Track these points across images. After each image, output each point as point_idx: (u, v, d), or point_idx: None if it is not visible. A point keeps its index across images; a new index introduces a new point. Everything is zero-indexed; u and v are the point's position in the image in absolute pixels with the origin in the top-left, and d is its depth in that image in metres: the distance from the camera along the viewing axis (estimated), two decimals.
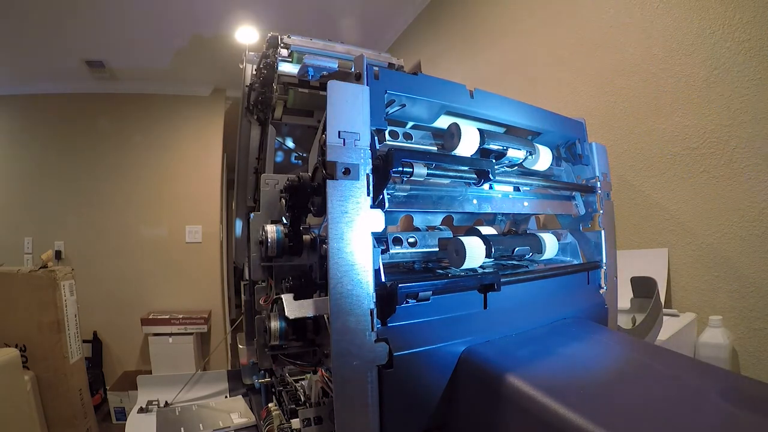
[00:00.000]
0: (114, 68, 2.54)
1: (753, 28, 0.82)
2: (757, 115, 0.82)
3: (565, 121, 0.44)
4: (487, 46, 1.71)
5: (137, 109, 2.74)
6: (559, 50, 1.33)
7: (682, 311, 0.92)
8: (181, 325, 2.37)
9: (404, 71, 0.63)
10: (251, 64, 0.85)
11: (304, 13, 2.13)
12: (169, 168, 2.78)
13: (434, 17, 2.08)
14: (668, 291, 0.97)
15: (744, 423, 0.21)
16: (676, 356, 0.29)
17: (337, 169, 0.27)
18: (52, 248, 2.47)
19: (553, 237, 0.43)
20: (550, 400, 0.23)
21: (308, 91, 0.65)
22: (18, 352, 1.05)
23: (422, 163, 0.30)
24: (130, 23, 2.10)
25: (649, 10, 1.03)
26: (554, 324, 0.36)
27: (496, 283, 0.33)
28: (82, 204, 2.60)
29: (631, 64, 1.08)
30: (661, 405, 0.23)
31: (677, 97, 0.97)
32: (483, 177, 0.34)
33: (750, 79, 0.83)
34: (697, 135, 0.93)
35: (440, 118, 0.38)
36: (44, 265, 1.19)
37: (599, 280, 0.44)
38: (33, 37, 2.11)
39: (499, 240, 0.38)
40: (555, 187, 0.44)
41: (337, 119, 0.28)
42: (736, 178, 0.85)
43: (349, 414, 0.25)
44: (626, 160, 1.07)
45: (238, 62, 0.91)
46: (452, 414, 0.29)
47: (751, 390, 0.24)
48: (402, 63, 0.74)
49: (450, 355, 0.29)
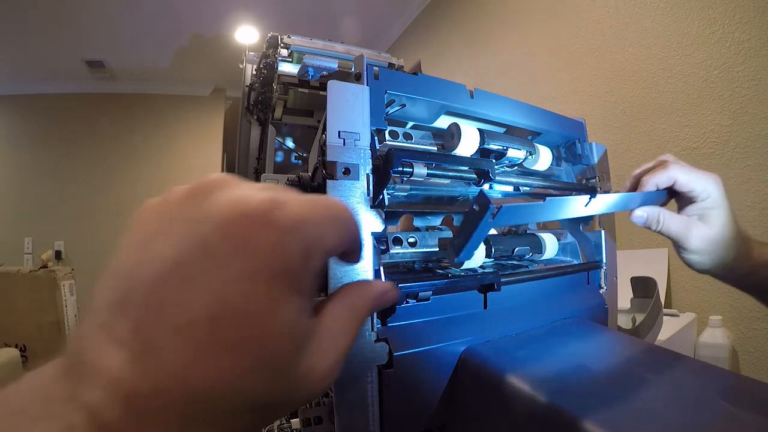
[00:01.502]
0: (114, 68, 2.54)
1: (753, 28, 0.82)
2: (757, 115, 0.82)
3: (565, 121, 0.44)
4: (487, 46, 1.71)
5: (137, 109, 2.75)
6: (559, 50, 1.33)
7: (682, 311, 0.92)
8: None
9: (404, 71, 0.63)
10: (251, 64, 0.85)
11: (304, 13, 2.14)
12: (170, 168, 2.79)
13: (434, 17, 2.08)
14: (668, 291, 0.97)
15: (744, 423, 0.21)
16: (676, 356, 0.29)
17: (337, 169, 0.27)
18: (52, 248, 2.47)
19: (553, 237, 0.43)
20: (549, 399, 0.23)
21: (308, 91, 0.65)
22: (18, 352, 1.05)
23: (422, 163, 0.30)
24: (130, 23, 2.10)
25: (649, 10, 1.03)
26: (554, 324, 0.36)
27: (496, 283, 0.33)
28: (82, 204, 2.60)
29: (631, 64, 1.08)
30: (661, 405, 0.23)
31: (677, 97, 0.97)
32: (483, 177, 0.34)
33: (750, 79, 0.83)
34: (697, 135, 0.93)
35: (440, 118, 0.38)
36: (44, 265, 1.19)
37: (599, 280, 0.44)
38: (33, 37, 2.11)
39: (499, 240, 0.38)
40: (555, 187, 0.44)
41: (337, 119, 0.28)
42: (736, 178, 0.85)
43: (348, 414, 0.25)
44: (626, 160, 1.07)
45: (238, 62, 0.91)
46: (452, 414, 0.29)
47: (751, 390, 0.24)
48: (402, 63, 0.74)
49: (450, 355, 0.29)
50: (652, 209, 0.37)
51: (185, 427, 0.13)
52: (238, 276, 0.13)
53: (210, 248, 0.14)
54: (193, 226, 0.14)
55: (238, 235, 0.14)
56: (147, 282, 0.13)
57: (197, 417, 0.13)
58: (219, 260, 0.13)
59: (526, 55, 1.49)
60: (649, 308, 0.48)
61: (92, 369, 0.13)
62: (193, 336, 0.13)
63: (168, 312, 0.13)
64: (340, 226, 0.17)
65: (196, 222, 0.14)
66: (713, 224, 0.36)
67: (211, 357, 0.13)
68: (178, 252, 0.14)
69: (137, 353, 0.13)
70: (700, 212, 0.37)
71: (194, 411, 0.13)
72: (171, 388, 0.13)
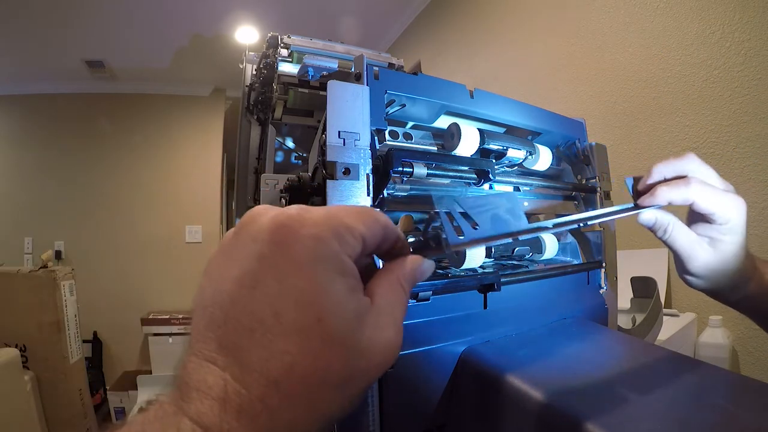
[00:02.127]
0: (114, 68, 2.54)
1: (753, 28, 0.82)
2: (757, 115, 0.82)
3: (565, 121, 0.44)
4: (486, 46, 1.71)
5: (137, 109, 2.74)
6: (559, 50, 1.33)
7: (682, 311, 0.92)
8: (181, 325, 2.37)
9: (404, 71, 0.63)
10: (251, 64, 0.85)
11: (304, 13, 2.14)
12: (170, 168, 2.78)
13: (434, 17, 2.08)
14: (668, 291, 0.97)
15: (744, 423, 0.21)
16: (676, 356, 0.29)
17: (337, 169, 0.27)
18: (52, 248, 2.47)
19: (553, 237, 0.43)
20: (549, 399, 0.23)
21: (308, 91, 0.65)
22: (18, 352, 1.05)
23: (422, 163, 0.30)
24: (130, 23, 2.10)
25: (649, 10, 1.03)
26: (554, 324, 0.36)
27: (496, 283, 0.33)
28: (82, 204, 2.60)
29: (631, 64, 1.08)
30: (661, 405, 0.23)
31: (677, 97, 0.97)
32: (483, 177, 0.34)
33: (750, 79, 0.83)
34: (697, 135, 0.93)
35: (440, 118, 0.38)
36: (44, 265, 1.19)
37: (599, 280, 0.44)
38: (33, 37, 2.11)
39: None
40: (555, 187, 0.44)
41: (337, 119, 0.28)
42: (735, 179, 0.85)
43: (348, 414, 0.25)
44: (626, 160, 1.07)
45: (238, 62, 0.91)
46: (452, 414, 0.29)
47: (751, 390, 0.24)
48: (402, 63, 0.74)
49: (450, 355, 0.29)
50: (663, 215, 0.34)
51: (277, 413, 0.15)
52: (288, 270, 0.16)
53: (262, 258, 0.16)
54: (248, 248, 0.17)
55: (280, 240, 0.17)
56: (223, 303, 0.16)
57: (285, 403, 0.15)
58: (271, 264, 0.16)
59: (526, 55, 1.49)
60: (649, 308, 0.48)
61: (190, 388, 0.15)
62: (264, 332, 0.15)
63: (241, 320, 0.16)
64: (365, 216, 0.19)
65: (249, 244, 0.17)
66: (722, 252, 0.33)
67: (282, 344, 0.15)
68: (240, 270, 0.16)
69: (222, 365, 0.15)
70: (713, 236, 0.33)
71: (280, 399, 0.15)
72: (254, 383, 0.15)
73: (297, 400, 0.15)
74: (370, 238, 0.19)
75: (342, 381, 0.16)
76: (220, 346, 0.15)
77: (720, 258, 0.34)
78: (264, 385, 0.15)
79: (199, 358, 0.16)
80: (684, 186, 0.32)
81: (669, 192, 0.32)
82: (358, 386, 0.17)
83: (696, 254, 0.34)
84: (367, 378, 0.18)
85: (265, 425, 0.15)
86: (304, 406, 0.15)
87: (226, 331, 0.16)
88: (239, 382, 0.15)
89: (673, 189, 0.32)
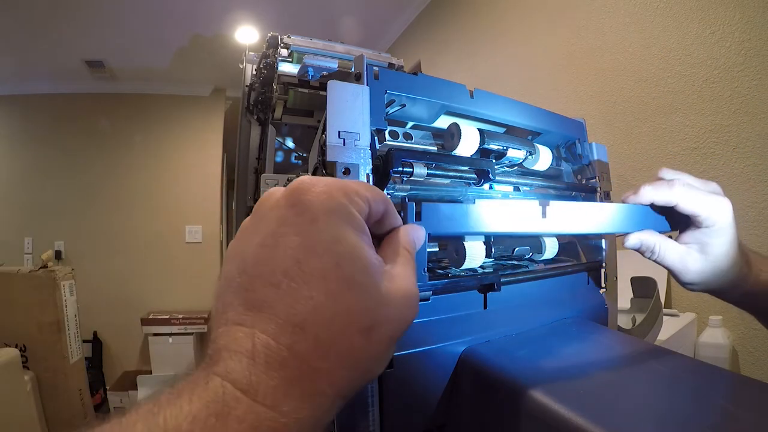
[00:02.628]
0: (114, 68, 2.54)
1: (753, 28, 0.82)
2: (757, 115, 0.82)
3: (565, 121, 0.44)
4: (486, 46, 1.71)
5: (137, 109, 2.74)
6: (558, 50, 1.33)
7: (682, 311, 0.92)
8: (181, 325, 2.37)
9: (404, 71, 0.63)
10: (251, 64, 0.85)
11: (304, 13, 2.14)
12: (169, 168, 2.78)
13: (434, 17, 2.08)
14: (668, 291, 0.97)
15: (744, 423, 0.21)
16: (676, 356, 0.29)
17: (337, 169, 0.27)
18: (52, 248, 2.47)
19: (553, 237, 0.43)
20: (549, 400, 0.23)
21: (308, 91, 0.64)
22: (18, 352, 1.05)
23: (422, 163, 0.30)
24: (130, 23, 2.10)
25: (649, 10, 1.03)
26: (554, 324, 0.36)
27: (496, 283, 0.33)
28: (82, 204, 2.60)
29: (631, 64, 1.08)
30: (661, 405, 0.23)
31: (677, 97, 0.97)
32: (483, 177, 0.34)
33: (750, 79, 0.83)
34: (697, 135, 0.93)
35: (440, 118, 0.38)
36: (44, 265, 1.19)
37: (599, 280, 0.44)
38: (33, 37, 2.11)
39: (499, 240, 0.38)
40: (555, 187, 0.44)
41: (337, 119, 0.28)
42: (736, 178, 0.85)
43: (349, 414, 0.25)
44: (626, 160, 1.07)
45: (238, 62, 0.91)
46: (452, 414, 0.29)
47: (751, 390, 0.24)
48: (402, 63, 0.74)
49: (450, 355, 0.29)
50: (648, 237, 0.34)
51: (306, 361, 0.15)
52: (305, 223, 0.17)
53: (281, 219, 0.18)
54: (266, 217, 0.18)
55: (296, 200, 0.18)
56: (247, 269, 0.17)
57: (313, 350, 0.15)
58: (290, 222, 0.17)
59: (526, 54, 1.49)
60: (649, 308, 0.48)
61: (219, 350, 0.15)
62: (289, 282, 0.16)
63: (267, 277, 0.16)
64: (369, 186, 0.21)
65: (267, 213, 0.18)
66: (714, 256, 0.34)
67: (305, 290, 0.16)
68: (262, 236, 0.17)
69: (250, 324, 0.16)
70: (701, 241, 0.34)
71: (307, 345, 0.15)
72: (280, 331, 0.15)
73: (325, 346, 0.15)
74: (374, 204, 0.20)
75: (365, 327, 0.17)
76: (248, 308, 0.16)
77: (712, 262, 0.34)
78: (290, 332, 0.15)
79: (227, 326, 0.16)
80: (667, 187, 0.33)
81: (652, 192, 0.33)
82: (385, 333, 0.18)
83: (687, 267, 0.34)
84: (391, 327, 0.18)
85: (295, 375, 0.15)
86: (335, 353, 0.16)
87: (254, 292, 0.16)
88: (266, 333, 0.15)
89: (656, 189, 0.33)
